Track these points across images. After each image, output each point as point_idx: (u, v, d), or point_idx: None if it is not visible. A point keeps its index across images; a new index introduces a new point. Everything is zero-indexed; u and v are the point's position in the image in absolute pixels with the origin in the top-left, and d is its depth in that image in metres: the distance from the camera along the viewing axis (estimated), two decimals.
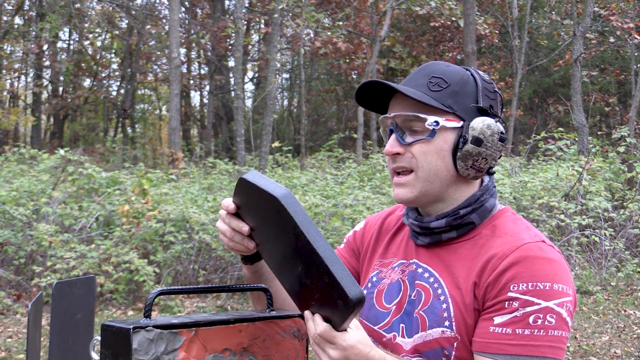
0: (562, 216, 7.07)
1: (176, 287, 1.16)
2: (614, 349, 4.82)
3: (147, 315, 1.07)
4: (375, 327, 1.30)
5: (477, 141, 1.20)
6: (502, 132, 1.22)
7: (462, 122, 1.21)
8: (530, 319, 1.09)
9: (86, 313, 1.47)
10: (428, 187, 1.22)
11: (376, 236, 1.42)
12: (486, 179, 1.28)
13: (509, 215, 1.26)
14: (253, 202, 1.12)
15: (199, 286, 1.77)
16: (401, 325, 1.25)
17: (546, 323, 1.09)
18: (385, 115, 1.27)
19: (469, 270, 1.19)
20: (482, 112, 1.23)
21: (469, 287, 1.17)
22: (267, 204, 1.06)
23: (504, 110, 1.31)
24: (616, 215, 7.46)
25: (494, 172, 1.31)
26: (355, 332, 1.03)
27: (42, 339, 3.01)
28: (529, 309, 1.10)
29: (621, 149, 8.70)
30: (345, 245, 1.48)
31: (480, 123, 1.21)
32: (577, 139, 10.20)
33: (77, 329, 1.43)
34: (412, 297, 1.25)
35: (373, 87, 1.27)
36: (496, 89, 1.28)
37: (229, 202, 1.18)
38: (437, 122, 1.20)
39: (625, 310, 5.87)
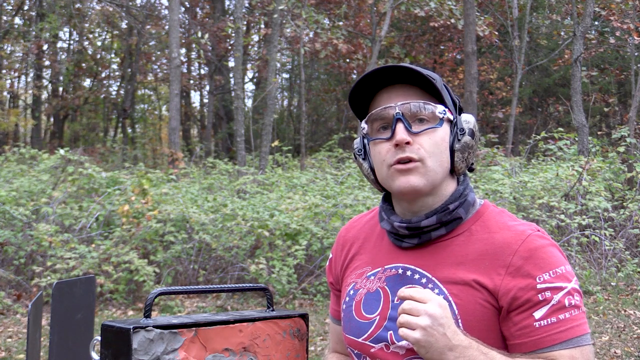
0: (562, 216, 7.06)
1: (176, 288, 1.16)
2: (614, 349, 4.81)
3: (147, 315, 1.07)
4: (359, 339, 1.26)
5: (472, 134, 1.23)
6: None
7: (453, 116, 1.24)
8: (566, 302, 1.13)
9: (86, 313, 1.47)
10: (434, 177, 1.20)
11: (344, 255, 1.40)
12: (461, 176, 1.30)
13: (493, 209, 1.26)
14: None
15: (199, 286, 1.77)
16: (389, 332, 1.21)
17: (576, 302, 1.15)
18: (389, 105, 1.21)
19: (469, 266, 1.18)
20: (459, 109, 1.28)
21: (473, 282, 1.16)
22: None
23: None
24: (616, 215, 7.45)
25: (474, 169, 1.33)
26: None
27: (42, 339, 3.01)
28: (560, 294, 1.13)
29: (621, 149, 8.70)
30: (330, 276, 1.46)
31: (471, 117, 1.26)
32: (577, 139, 10.19)
33: (77, 329, 1.43)
34: (395, 302, 1.22)
35: (368, 81, 1.23)
36: None
37: None
38: (444, 111, 1.21)
39: (625, 310, 5.87)
